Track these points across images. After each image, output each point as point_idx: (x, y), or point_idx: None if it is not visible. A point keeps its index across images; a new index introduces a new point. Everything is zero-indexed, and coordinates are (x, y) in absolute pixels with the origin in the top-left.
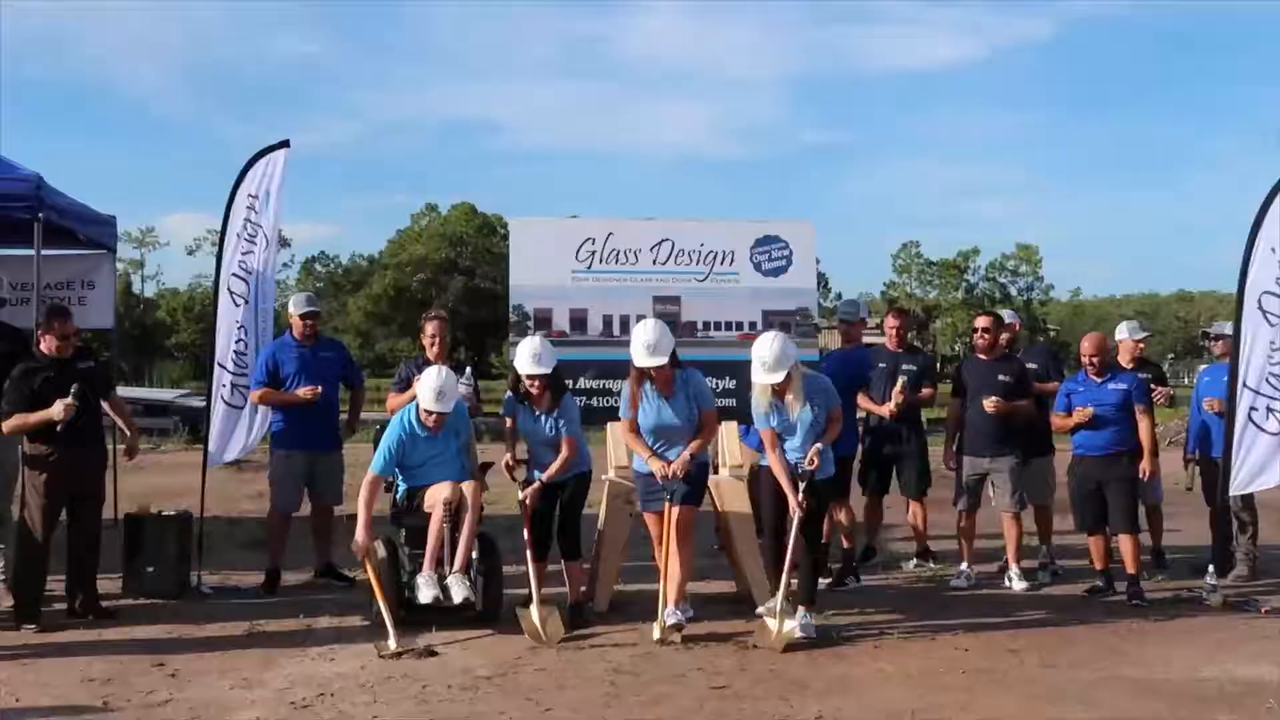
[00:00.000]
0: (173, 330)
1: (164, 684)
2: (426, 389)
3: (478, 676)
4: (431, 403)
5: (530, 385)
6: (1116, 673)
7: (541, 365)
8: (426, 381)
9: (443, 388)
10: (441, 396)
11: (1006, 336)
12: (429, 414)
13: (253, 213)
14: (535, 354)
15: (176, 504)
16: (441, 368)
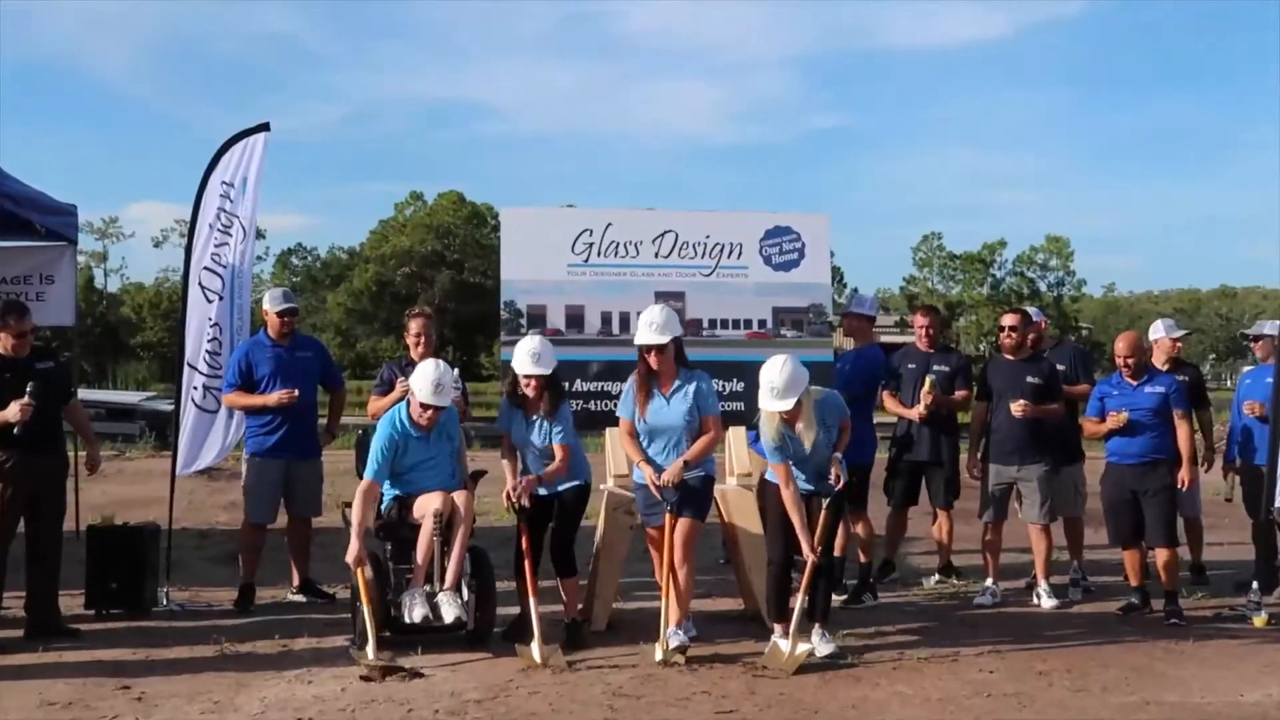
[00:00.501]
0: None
1: (129, 708)
2: (423, 381)
3: (466, 700)
4: (429, 396)
5: (527, 386)
6: (1153, 697)
7: (540, 366)
8: (422, 374)
9: (440, 380)
10: (439, 389)
11: (1033, 336)
12: (425, 409)
13: (227, 201)
14: (534, 353)
15: (143, 515)
16: (438, 360)
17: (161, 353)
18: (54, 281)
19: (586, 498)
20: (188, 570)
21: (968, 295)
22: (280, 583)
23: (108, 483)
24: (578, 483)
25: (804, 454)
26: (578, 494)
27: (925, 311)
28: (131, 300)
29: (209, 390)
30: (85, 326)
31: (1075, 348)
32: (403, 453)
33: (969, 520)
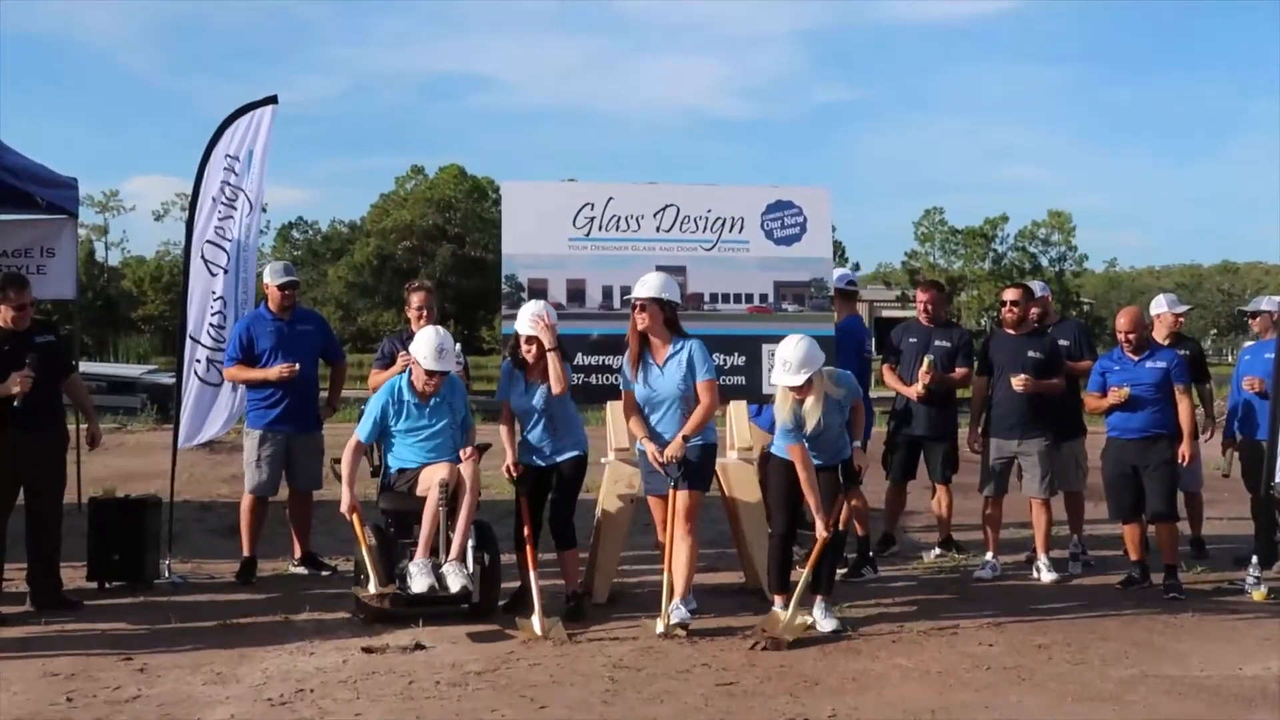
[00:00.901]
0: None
1: (131, 679)
2: (425, 347)
3: (468, 672)
4: (431, 361)
5: (527, 351)
6: (1152, 670)
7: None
8: (424, 340)
9: (443, 345)
10: (442, 354)
11: (1037, 311)
12: (428, 376)
13: (232, 175)
14: (536, 315)
15: (144, 487)
16: (439, 327)
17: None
18: (54, 255)
19: (584, 469)
20: (189, 543)
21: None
22: (281, 555)
23: (109, 455)
24: (576, 454)
25: (818, 430)
26: (575, 465)
27: (928, 287)
28: (132, 274)
29: (213, 363)
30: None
31: (1079, 323)
32: (397, 416)
33: (969, 494)
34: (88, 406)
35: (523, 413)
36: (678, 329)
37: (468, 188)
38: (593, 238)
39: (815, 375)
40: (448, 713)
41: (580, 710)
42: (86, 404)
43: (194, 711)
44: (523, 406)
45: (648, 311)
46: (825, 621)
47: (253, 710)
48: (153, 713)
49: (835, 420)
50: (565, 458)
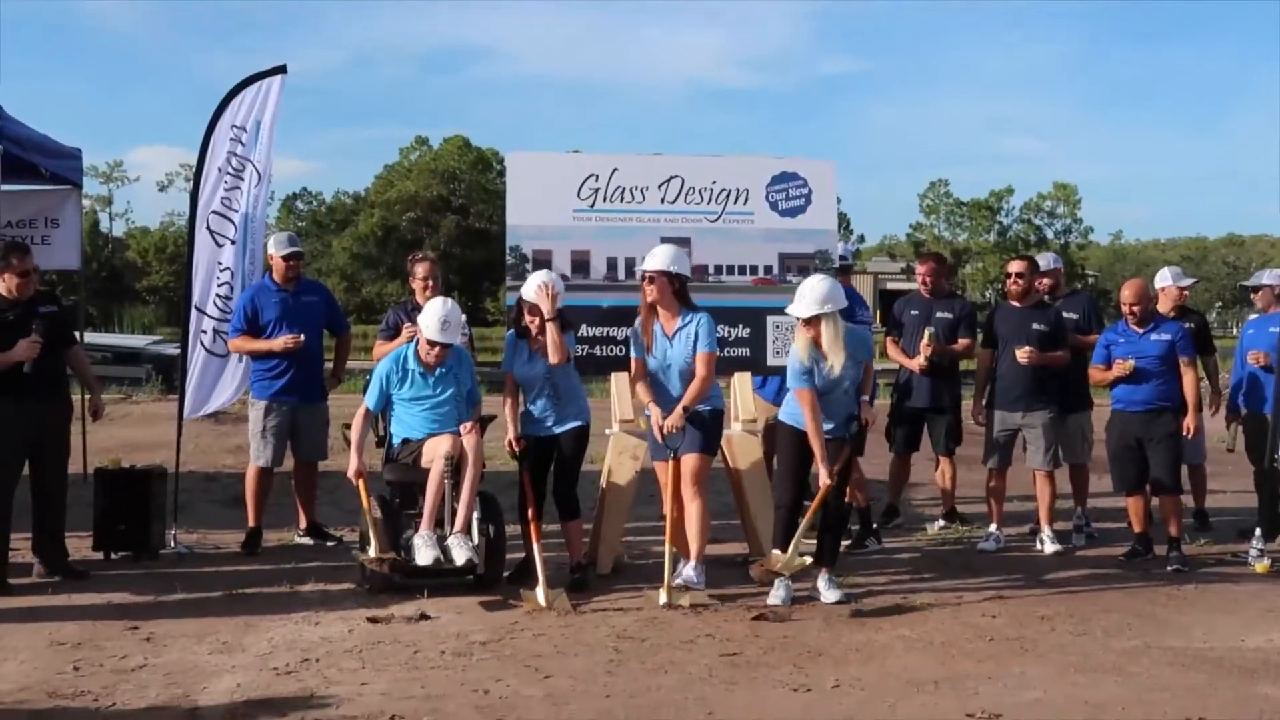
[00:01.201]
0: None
1: (138, 648)
2: (431, 318)
3: (472, 642)
4: (436, 333)
5: (531, 320)
6: (1154, 641)
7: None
8: (431, 311)
9: (448, 317)
10: (447, 326)
11: (1048, 282)
12: (431, 346)
13: (239, 145)
14: (544, 284)
15: (150, 458)
16: (446, 299)
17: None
18: (59, 225)
19: (587, 439)
20: (195, 513)
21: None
22: (286, 526)
23: (114, 426)
24: (577, 424)
25: (830, 382)
26: (578, 436)
27: (928, 259)
28: (137, 244)
29: (219, 334)
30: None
31: (1089, 296)
32: (401, 384)
33: (973, 466)
34: (90, 378)
35: (526, 382)
36: (688, 301)
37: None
38: (597, 209)
39: (828, 316)
40: (452, 682)
41: (584, 680)
42: (89, 376)
43: (200, 680)
44: (526, 376)
45: (656, 284)
46: (829, 593)
47: (258, 679)
48: (159, 681)
49: (849, 375)
50: (567, 428)
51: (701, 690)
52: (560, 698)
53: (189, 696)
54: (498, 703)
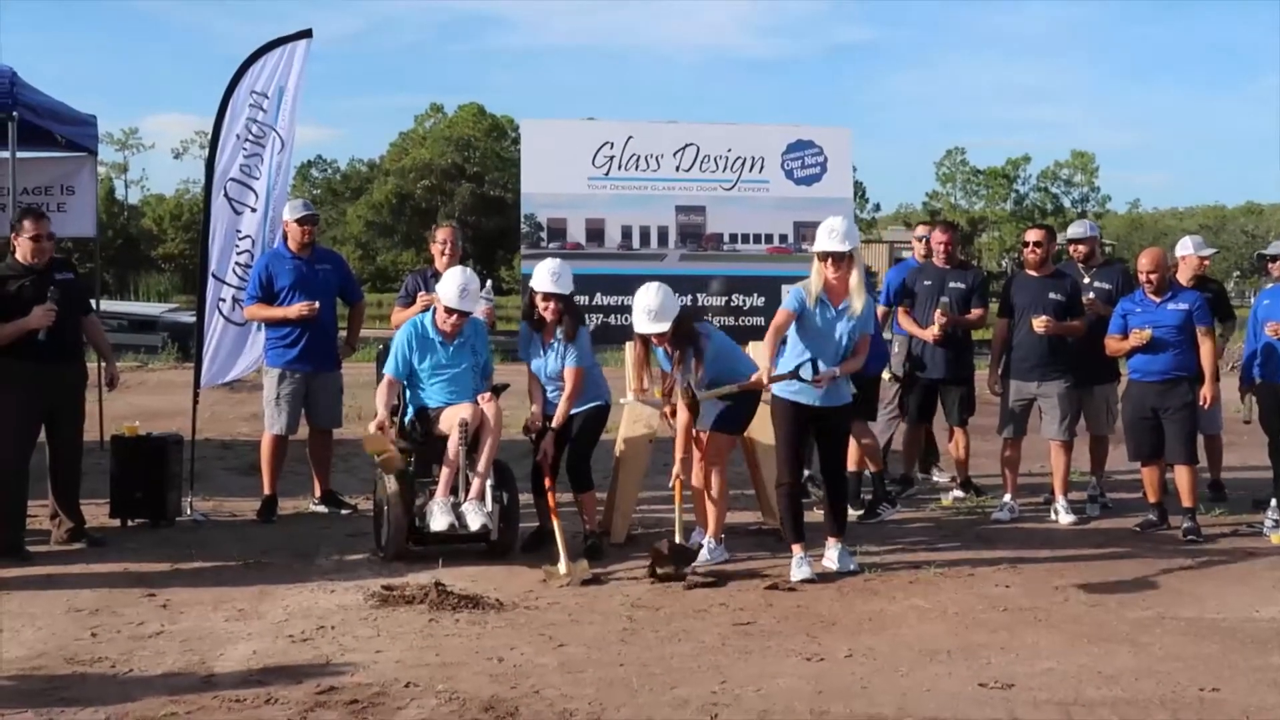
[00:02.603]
0: (159, 240)
1: (155, 615)
2: (450, 286)
3: (487, 610)
4: (455, 300)
5: (545, 308)
6: (1168, 612)
7: (560, 285)
8: (450, 279)
9: (467, 285)
10: (465, 294)
11: (1084, 249)
12: (449, 314)
13: (260, 112)
14: (554, 273)
15: (166, 426)
16: (465, 268)
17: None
18: (74, 192)
19: (605, 417)
20: (210, 481)
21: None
22: (302, 494)
23: (130, 394)
24: (596, 403)
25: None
26: (596, 414)
27: (945, 228)
28: (152, 212)
29: (238, 303)
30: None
31: (1122, 267)
32: (420, 354)
33: (988, 436)
34: (105, 347)
35: (541, 373)
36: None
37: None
38: (612, 177)
39: (858, 254)
40: (467, 650)
41: (598, 648)
42: (104, 345)
43: (216, 647)
44: (540, 367)
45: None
46: (842, 562)
47: (274, 646)
48: (175, 648)
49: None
50: (585, 407)
51: (714, 659)
52: (574, 665)
53: (205, 663)
54: (512, 670)
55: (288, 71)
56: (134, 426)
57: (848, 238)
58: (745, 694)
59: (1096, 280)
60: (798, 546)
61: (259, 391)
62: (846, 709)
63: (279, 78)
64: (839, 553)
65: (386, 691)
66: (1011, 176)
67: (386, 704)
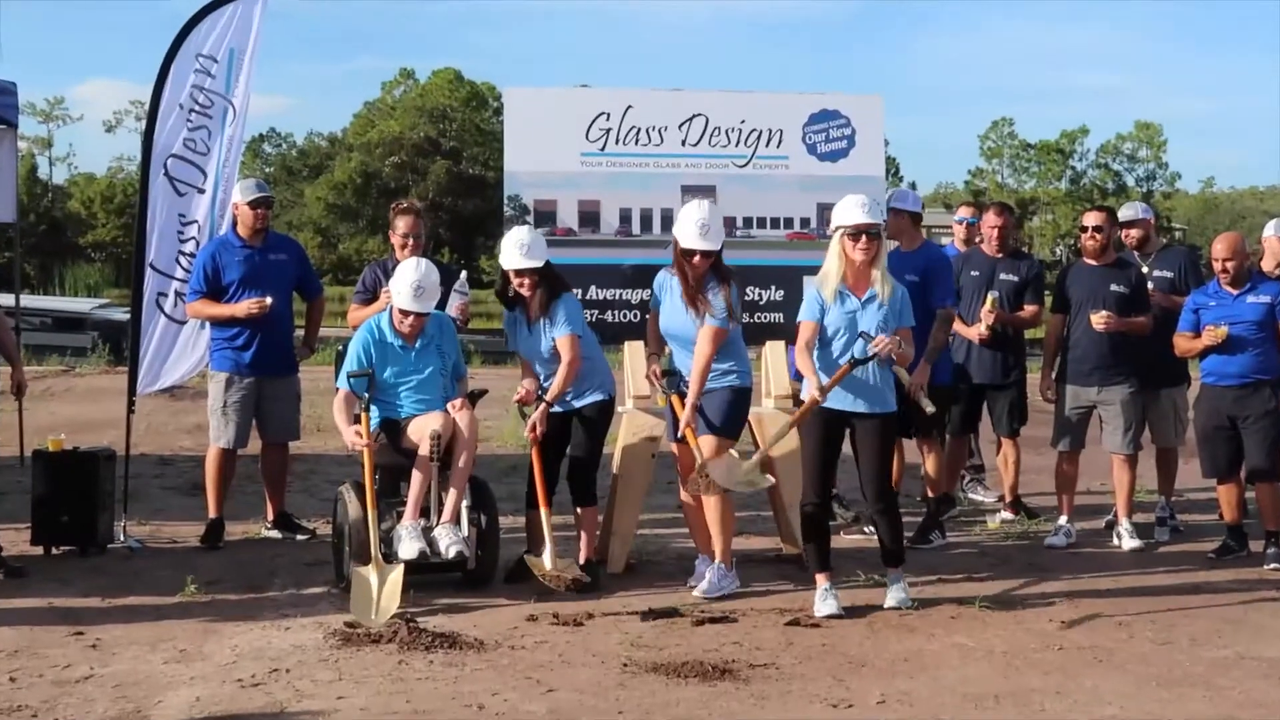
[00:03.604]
0: (89, 225)
1: (83, 656)
2: (403, 284)
3: (465, 650)
4: (408, 301)
5: (519, 284)
6: (1248, 651)
7: (530, 257)
8: (402, 275)
9: (421, 283)
10: (420, 293)
11: (1138, 234)
12: (404, 315)
13: (207, 78)
14: (521, 244)
15: (96, 439)
16: (421, 260)
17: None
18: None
19: (610, 414)
20: (148, 502)
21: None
22: (253, 517)
23: (55, 402)
24: (599, 397)
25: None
26: (599, 410)
27: (1000, 211)
28: (81, 193)
29: (181, 297)
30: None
31: (1185, 252)
32: (381, 363)
33: (1041, 449)
34: (9, 348)
35: (534, 358)
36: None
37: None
38: (609, 152)
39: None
40: (442, 696)
41: (592, 695)
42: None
43: (154, 693)
44: (532, 351)
45: (700, 267)
46: (898, 594)
47: (220, 692)
48: (107, 694)
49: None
50: (587, 402)
51: (727, 705)
52: (565, 713)
53: (141, 712)
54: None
55: (243, 32)
56: (59, 440)
57: (879, 208)
58: None
59: (1156, 268)
60: (822, 576)
61: (203, 399)
62: None
63: (230, 38)
64: (899, 588)
65: None
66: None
67: None
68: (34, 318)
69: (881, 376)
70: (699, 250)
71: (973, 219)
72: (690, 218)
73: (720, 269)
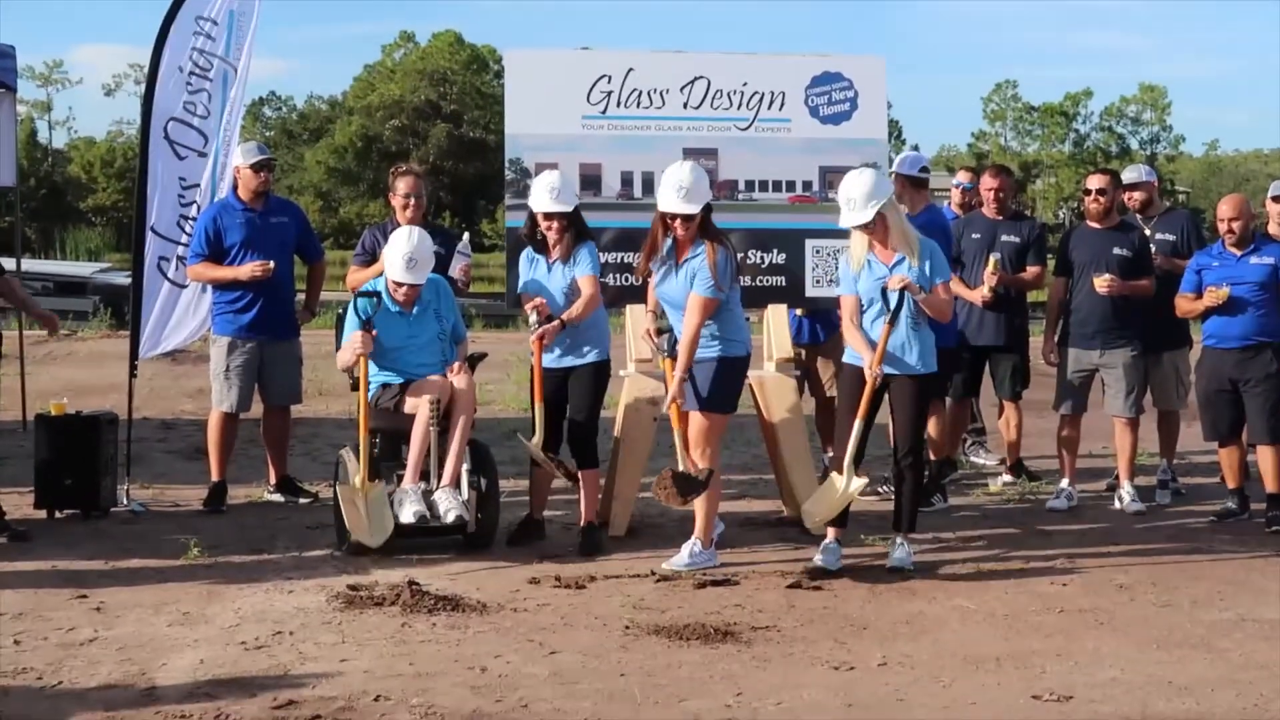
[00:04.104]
0: (89, 189)
1: (87, 619)
2: (395, 255)
3: (468, 613)
4: (401, 272)
5: (547, 227)
6: (1249, 614)
7: (560, 202)
8: (395, 245)
9: (414, 254)
10: (413, 265)
11: (1141, 197)
12: (398, 287)
13: (207, 40)
14: (552, 188)
15: (98, 403)
16: (414, 229)
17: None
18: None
19: (606, 375)
20: (150, 466)
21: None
22: (255, 481)
23: (57, 366)
24: (595, 358)
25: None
26: (596, 370)
27: (996, 172)
28: (81, 157)
29: (183, 261)
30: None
31: (1188, 216)
32: (379, 328)
33: (1043, 413)
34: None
35: (540, 291)
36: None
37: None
38: (610, 115)
39: (889, 210)
40: (445, 658)
41: (594, 657)
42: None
43: (158, 656)
44: (546, 290)
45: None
46: (904, 559)
47: (224, 655)
48: (111, 657)
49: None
50: (584, 362)
51: (728, 667)
52: (568, 676)
53: (145, 674)
54: (496, 682)
55: None
56: (61, 404)
57: (871, 198)
58: (764, 707)
59: (1158, 231)
60: (832, 531)
61: (205, 363)
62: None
63: (230, 1)
64: (903, 551)
65: (353, 706)
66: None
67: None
68: (35, 282)
69: (916, 338)
70: (679, 214)
71: (970, 184)
72: (669, 180)
73: (711, 232)
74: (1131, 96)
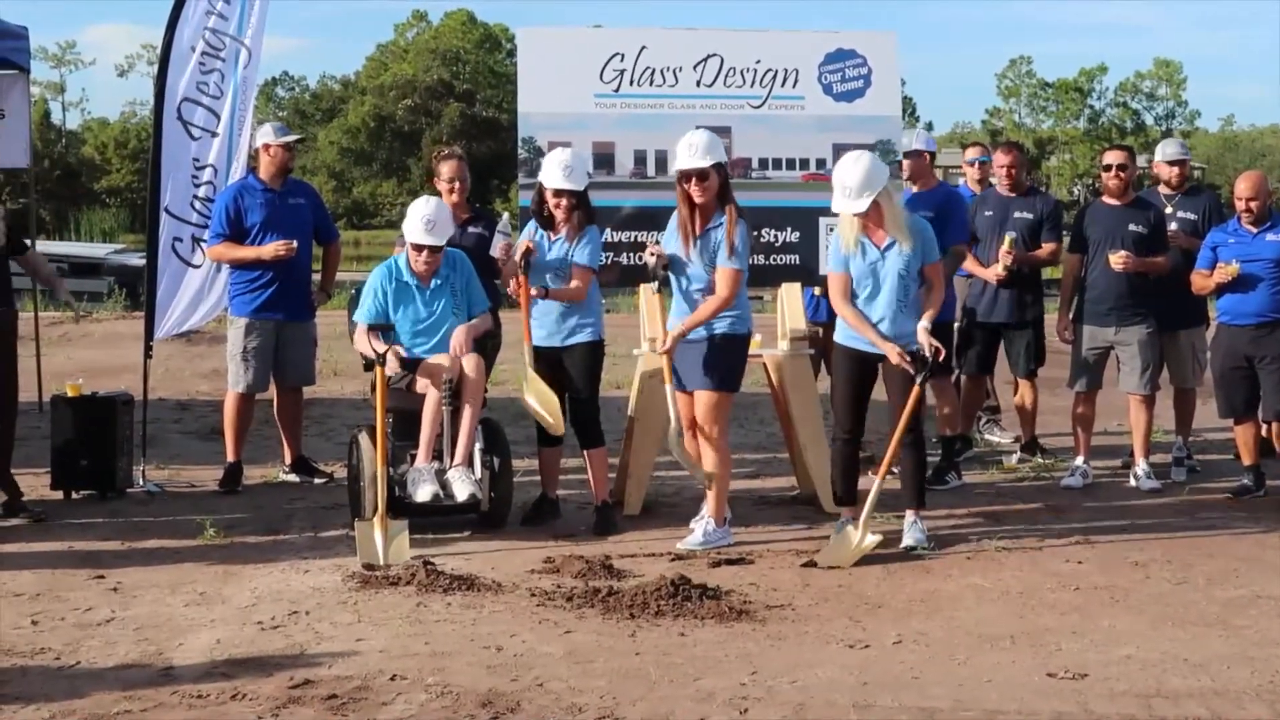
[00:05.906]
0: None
1: (104, 600)
2: (415, 219)
3: (483, 592)
4: (420, 234)
5: (556, 204)
6: (1265, 591)
7: (572, 180)
8: (414, 211)
9: (432, 217)
10: (431, 227)
11: (1176, 173)
12: (418, 251)
13: (220, 20)
14: (565, 166)
15: (114, 384)
16: (431, 198)
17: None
18: (4, 116)
19: (600, 355)
20: (166, 446)
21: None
22: (270, 461)
23: (73, 347)
24: (587, 338)
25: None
26: (589, 350)
27: (1008, 149)
28: (94, 138)
29: (199, 243)
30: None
31: (1212, 196)
32: (395, 302)
33: (1057, 390)
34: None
35: (545, 267)
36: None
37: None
38: (623, 93)
39: (883, 197)
40: (460, 638)
41: (609, 635)
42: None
43: (174, 636)
44: (546, 261)
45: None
46: (918, 536)
47: (240, 634)
48: (128, 637)
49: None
50: (576, 341)
51: (744, 646)
52: (584, 655)
53: (162, 654)
54: (511, 661)
55: None
56: (77, 385)
57: (866, 187)
58: (779, 686)
59: (1181, 209)
60: (847, 510)
61: (220, 344)
62: (895, 702)
63: None
64: (916, 529)
65: (369, 685)
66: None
67: (369, 699)
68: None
69: (906, 316)
70: (692, 170)
71: (984, 158)
72: (682, 143)
73: (729, 197)
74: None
